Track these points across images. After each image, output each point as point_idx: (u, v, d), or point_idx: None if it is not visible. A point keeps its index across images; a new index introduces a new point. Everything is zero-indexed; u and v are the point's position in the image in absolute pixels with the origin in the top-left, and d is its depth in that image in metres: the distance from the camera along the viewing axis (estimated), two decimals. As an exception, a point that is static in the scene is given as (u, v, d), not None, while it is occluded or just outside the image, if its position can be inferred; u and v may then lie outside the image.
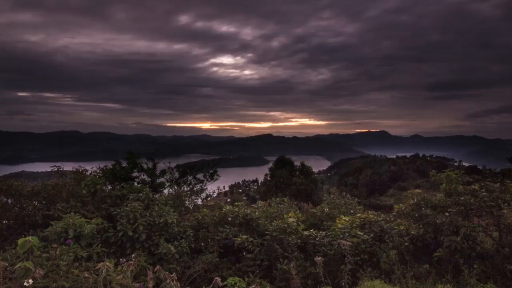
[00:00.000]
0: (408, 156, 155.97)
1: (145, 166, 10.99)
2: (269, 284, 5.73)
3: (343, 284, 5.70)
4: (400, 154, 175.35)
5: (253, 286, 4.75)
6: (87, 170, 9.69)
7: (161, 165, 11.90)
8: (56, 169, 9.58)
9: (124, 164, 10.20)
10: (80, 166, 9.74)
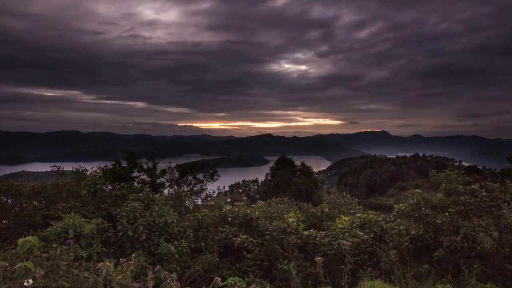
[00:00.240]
0: (408, 156, 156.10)
1: (145, 166, 10.98)
2: (269, 284, 5.73)
3: (343, 284, 5.70)
4: (400, 154, 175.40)
5: (253, 286, 4.75)
6: (87, 170, 9.69)
7: (161, 165, 11.91)
8: (56, 169, 9.58)
9: (124, 164, 10.20)
10: (80, 166, 9.73)
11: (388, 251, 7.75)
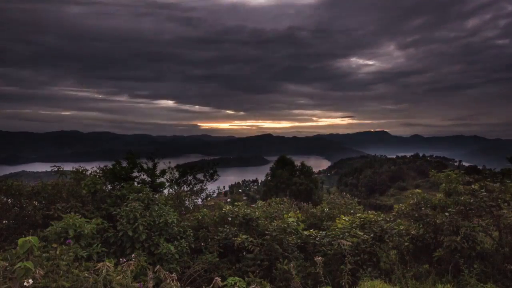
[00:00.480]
0: (408, 156, 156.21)
1: (145, 166, 10.98)
2: (269, 284, 5.73)
3: (343, 284, 5.70)
4: (400, 154, 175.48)
5: (253, 286, 4.75)
6: (87, 170, 9.68)
7: (161, 165, 11.90)
8: (56, 169, 9.57)
9: (124, 164, 10.19)
10: (80, 166, 9.72)
11: (388, 251, 7.75)
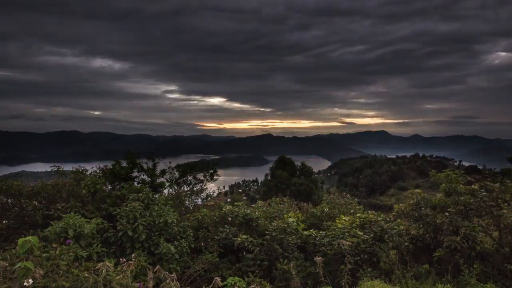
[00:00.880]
0: (408, 156, 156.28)
1: (145, 166, 10.97)
2: (269, 284, 5.74)
3: (343, 284, 5.70)
4: (400, 154, 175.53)
5: (253, 286, 4.75)
6: (87, 170, 9.68)
7: (161, 165, 11.89)
8: (56, 169, 9.57)
9: (124, 164, 10.19)
10: (80, 166, 9.72)
11: (388, 251, 7.76)
